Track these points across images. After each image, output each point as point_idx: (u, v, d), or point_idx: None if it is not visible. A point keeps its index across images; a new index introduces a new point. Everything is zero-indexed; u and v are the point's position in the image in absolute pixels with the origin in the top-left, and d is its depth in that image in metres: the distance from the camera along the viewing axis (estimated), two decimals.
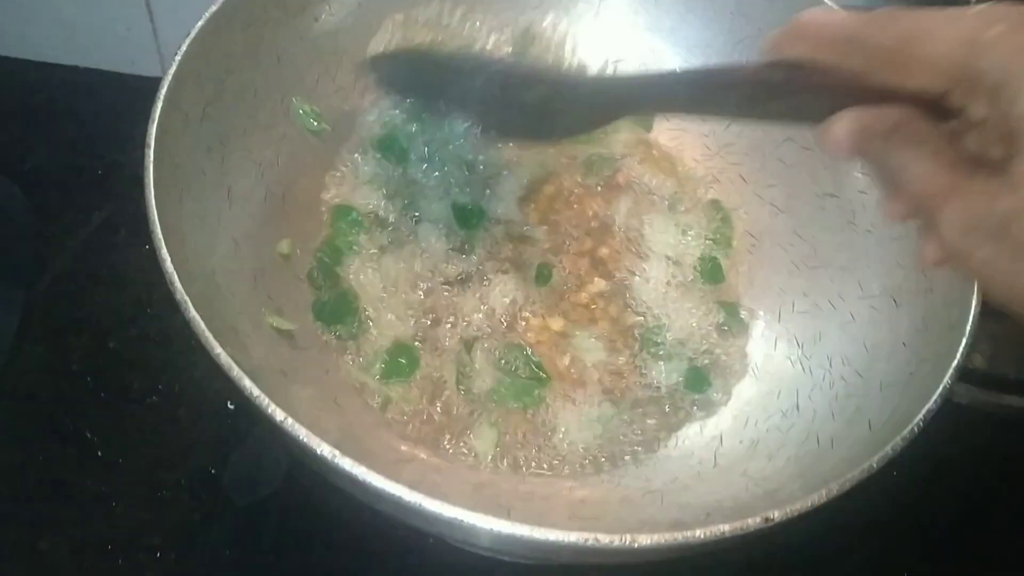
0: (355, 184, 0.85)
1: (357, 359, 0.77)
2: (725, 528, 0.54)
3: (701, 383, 0.79)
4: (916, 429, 0.60)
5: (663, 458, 0.76)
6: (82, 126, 1.06)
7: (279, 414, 0.55)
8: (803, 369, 0.79)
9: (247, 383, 0.56)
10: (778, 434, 0.74)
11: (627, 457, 0.76)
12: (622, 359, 0.80)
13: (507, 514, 0.66)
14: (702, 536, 0.54)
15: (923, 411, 0.61)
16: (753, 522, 0.55)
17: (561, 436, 0.75)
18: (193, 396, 0.87)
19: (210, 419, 0.85)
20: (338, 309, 0.77)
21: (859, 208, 0.82)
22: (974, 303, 0.66)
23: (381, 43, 0.84)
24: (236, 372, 0.56)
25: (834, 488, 0.57)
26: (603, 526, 0.65)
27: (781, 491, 0.67)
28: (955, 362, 0.64)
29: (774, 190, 0.88)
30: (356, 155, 0.86)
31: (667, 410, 0.79)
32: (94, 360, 0.89)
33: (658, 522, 0.67)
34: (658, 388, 0.79)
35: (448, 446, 0.74)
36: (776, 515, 0.55)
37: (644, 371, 0.80)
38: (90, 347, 0.90)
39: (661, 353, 0.80)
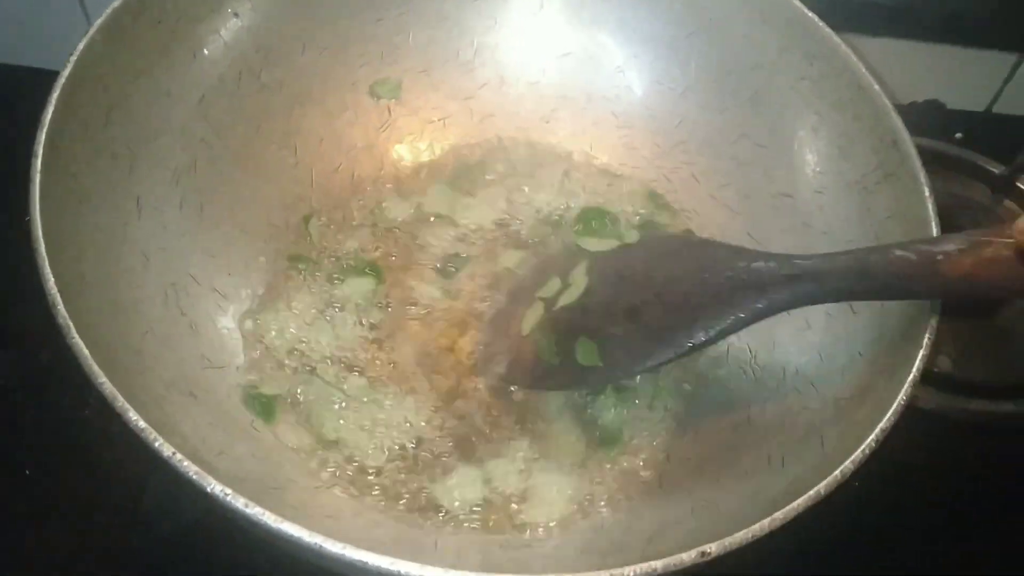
0: None
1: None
2: (657, 566, 0.50)
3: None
4: (867, 451, 0.56)
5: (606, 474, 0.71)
6: (14, 126, 1.00)
7: (166, 449, 0.50)
8: (755, 379, 0.74)
9: (132, 416, 0.51)
10: (728, 452, 0.70)
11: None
12: None
13: (434, 546, 0.63)
14: (633, 575, 0.49)
15: (875, 431, 0.56)
16: (688, 557, 0.50)
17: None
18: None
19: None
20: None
21: (815, 209, 0.77)
22: (932, 320, 0.61)
23: None
24: (120, 404, 0.51)
25: (778, 518, 0.53)
26: (539, 556, 0.61)
27: (727, 515, 0.62)
28: (909, 377, 0.59)
29: (728, 190, 0.84)
30: None
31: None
32: (21, 374, 0.85)
33: (595, 551, 0.62)
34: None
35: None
36: (713, 549, 0.51)
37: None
38: (16, 361, 0.86)
39: None
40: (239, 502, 0.49)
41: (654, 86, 0.87)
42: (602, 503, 0.69)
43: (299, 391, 0.72)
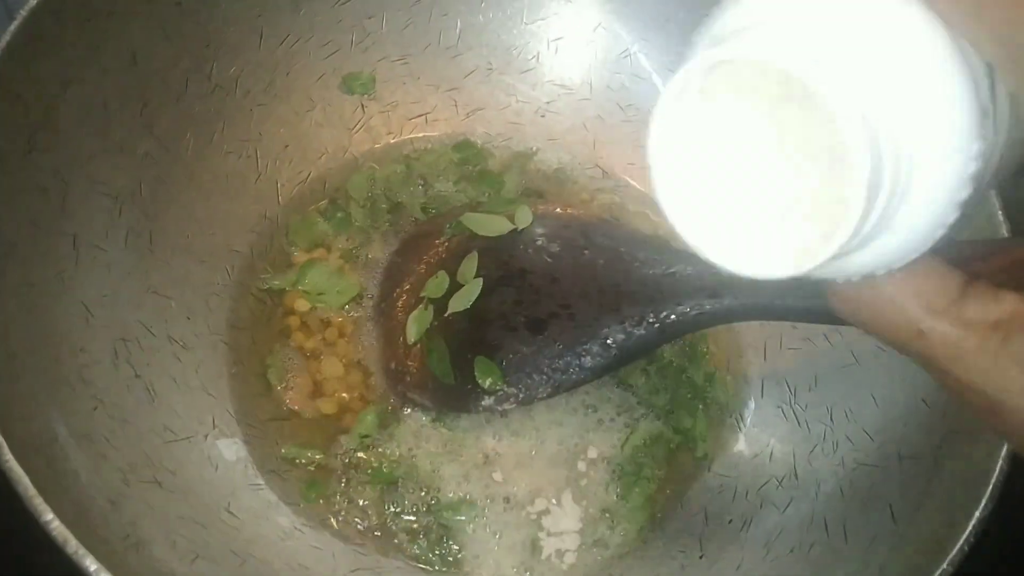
0: None
1: None
2: None
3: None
4: (966, 547, 0.48)
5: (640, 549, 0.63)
6: None
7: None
8: (798, 423, 0.66)
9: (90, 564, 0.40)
10: (774, 512, 0.62)
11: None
12: None
13: None
14: None
15: (972, 521, 0.48)
16: None
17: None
18: None
19: None
20: None
21: None
22: None
23: None
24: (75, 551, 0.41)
25: None
26: None
27: None
28: (1004, 449, 0.51)
29: None
30: None
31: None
32: None
33: None
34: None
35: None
36: None
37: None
38: None
39: None
40: None
41: (665, 73, 0.77)
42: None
43: None
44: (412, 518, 0.61)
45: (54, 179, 0.57)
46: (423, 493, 0.62)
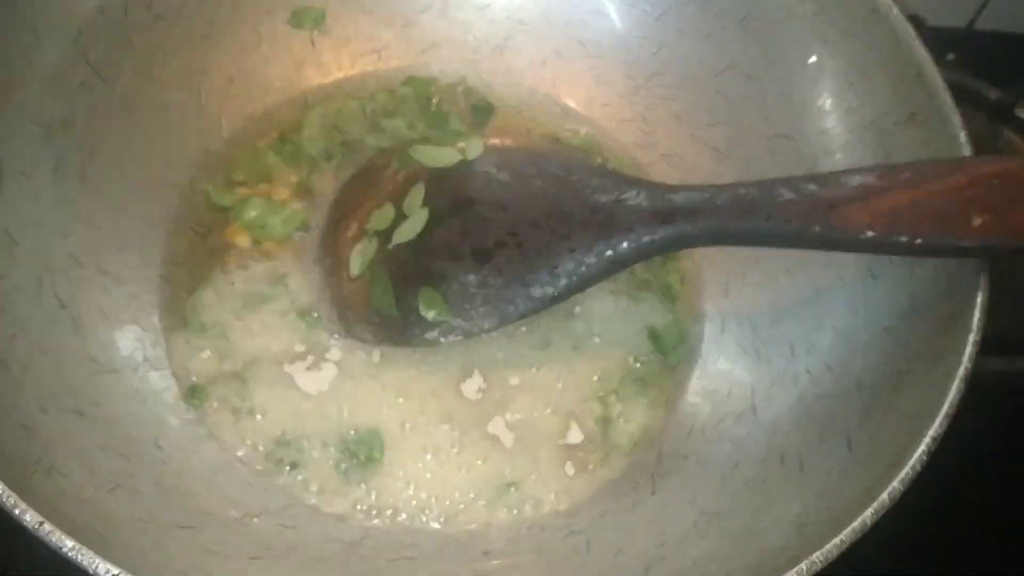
0: None
1: None
2: None
3: None
4: (918, 466, 0.45)
5: (586, 485, 0.60)
6: None
7: (31, 517, 0.38)
8: (758, 358, 0.64)
9: None
10: (731, 447, 0.59)
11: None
12: None
13: None
14: None
15: (924, 440, 0.46)
16: None
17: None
18: None
19: None
20: None
21: (820, 153, 0.66)
22: (980, 292, 0.51)
23: None
24: None
25: (817, 562, 0.42)
26: None
27: (741, 531, 0.52)
28: (960, 369, 0.49)
29: (715, 131, 0.72)
30: None
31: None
32: None
33: None
34: None
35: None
36: None
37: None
38: None
39: None
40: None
41: (627, 8, 0.74)
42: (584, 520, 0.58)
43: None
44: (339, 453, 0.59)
45: None
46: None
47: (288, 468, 0.58)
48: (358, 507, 0.57)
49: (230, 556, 0.50)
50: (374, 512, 0.57)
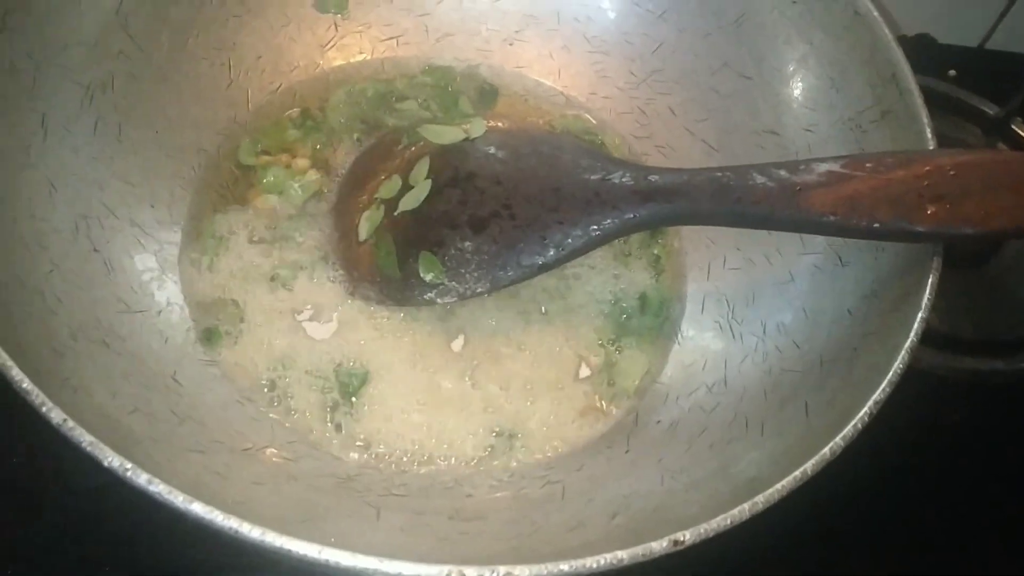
0: None
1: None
2: (623, 555, 0.44)
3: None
4: (859, 425, 0.50)
5: (568, 443, 0.65)
6: None
7: (55, 415, 0.43)
8: (733, 335, 0.68)
9: (15, 374, 0.44)
10: (700, 414, 0.64)
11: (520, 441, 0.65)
12: None
13: (376, 515, 0.56)
14: (594, 566, 0.43)
15: (867, 404, 0.51)
16: (660, 547, 0.45)
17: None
18: None
19: None
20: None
21: (803, 148, 0.71)
22: (931, 277, 0.55)
23: None
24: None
25: (759, 503, 0.47)
26: (486, 536, 0.55)
27: (700, 486, 0.56)
28: (907, 342, 0.53)
29: (706, 125, 0.77)
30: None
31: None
32: None
33: (554, 526, 0.56)
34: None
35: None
36: (687, 537, 0.45)
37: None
38: None
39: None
40: (140, 478, 0.42)
41: (630, 6, 0.79)
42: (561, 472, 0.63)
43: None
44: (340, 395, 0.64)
45: (26, 60, 0.60)
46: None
47: (293, 412, 0.63)
48: (354, 449, 0.62)
49: (236, 480, 0.55)
50: (368, 455, 0.62)
